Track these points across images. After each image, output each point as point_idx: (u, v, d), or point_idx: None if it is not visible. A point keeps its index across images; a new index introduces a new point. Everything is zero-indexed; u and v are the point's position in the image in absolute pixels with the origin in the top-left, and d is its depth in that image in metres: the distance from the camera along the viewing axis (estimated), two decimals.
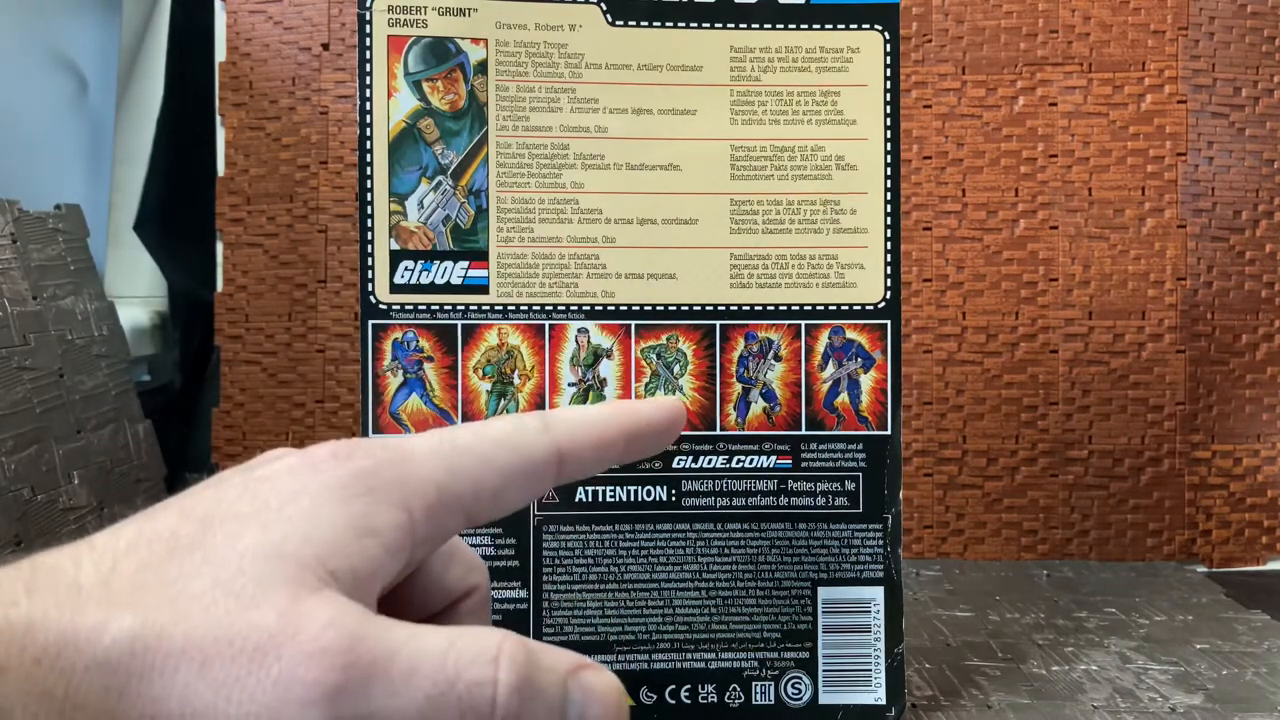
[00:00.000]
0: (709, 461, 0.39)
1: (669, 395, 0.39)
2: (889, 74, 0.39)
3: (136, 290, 0.70)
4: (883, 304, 0.39)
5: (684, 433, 0.39)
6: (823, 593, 0.39)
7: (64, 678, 0.17)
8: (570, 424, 0.24)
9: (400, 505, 0.21)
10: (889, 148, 0.39)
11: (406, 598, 0.24)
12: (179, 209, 0.69)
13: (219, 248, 0.65)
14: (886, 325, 0.39)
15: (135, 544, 0.19)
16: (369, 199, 0.38)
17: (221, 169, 0.65)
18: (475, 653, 0.19)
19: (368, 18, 0.38)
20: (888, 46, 0.39)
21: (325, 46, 0.64)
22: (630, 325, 0.39)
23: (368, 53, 0.38)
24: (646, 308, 0.39)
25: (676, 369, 0.39)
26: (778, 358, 0.39)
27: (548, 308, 0.38)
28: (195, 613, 0.18)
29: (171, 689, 0.17)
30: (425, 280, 0.38)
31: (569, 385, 0.38)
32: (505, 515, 0.24)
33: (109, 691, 0.17)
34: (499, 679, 0.19)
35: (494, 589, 0.38)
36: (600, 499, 0.38)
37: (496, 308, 0.38)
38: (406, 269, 0.38)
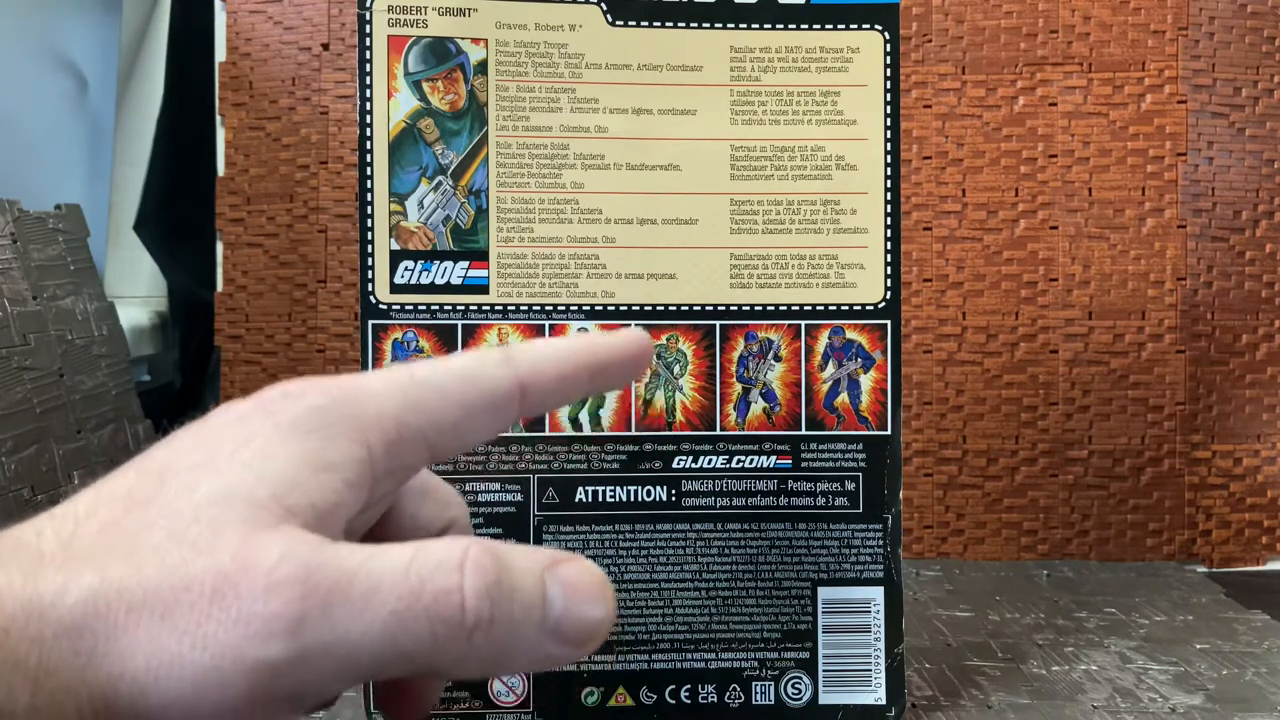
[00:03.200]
0: (709, 461, 0.39)
1: (668, 391, 0.39)
2: (889, 74, 0.39)
3: (136, 290, 0.70)
4: (883, 304, 0.39)
5: (684, 433, 0.39)
6: (823, 593, 0.39)
7: (35, 646, 0.17)
8: (533, 356, 0.23)
9: (357, 439, 0.20)
10: (889, 148, 0.39)
11: (382, 540, 0.24)
12: (179, 209, 0.69)
13: (219, 248, 0.65)
14: (886, 325, 0.39)
15: (94, 507, 0.19)
16: (369, 199, 0.38)
17: (221, 169, 0.65)
18: (438, 562, 0.18)
19: (368, 18, 0.38)
20: (888, 46, 0.39)
21: (325, 46, 0.64)
22: (630, 325, 0.39)
23: (368, 53, 0.38)
24: (646, 308, 0.39)
25: (676, 369, 0.39)
26: (778, 358, 0.39)
27: (548, 308, 0.38)
28: (151, 564, 0.17)
29: (137, 644, 0.17)
30: (425, 280, 0.38)
31: None
32: (470, 448, 0.23)
33: (79, 655, 0.17)
34: (465, 585, 0.18)
35: None
36: (600, 499, 0.38)
37: (496, 308, 0.38)
38: (406, 269, 0.38)
